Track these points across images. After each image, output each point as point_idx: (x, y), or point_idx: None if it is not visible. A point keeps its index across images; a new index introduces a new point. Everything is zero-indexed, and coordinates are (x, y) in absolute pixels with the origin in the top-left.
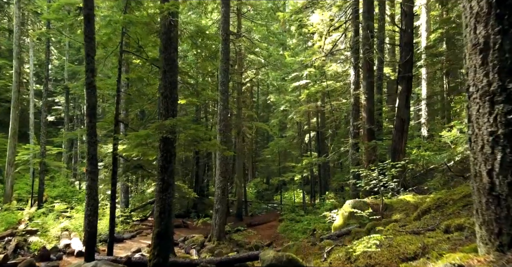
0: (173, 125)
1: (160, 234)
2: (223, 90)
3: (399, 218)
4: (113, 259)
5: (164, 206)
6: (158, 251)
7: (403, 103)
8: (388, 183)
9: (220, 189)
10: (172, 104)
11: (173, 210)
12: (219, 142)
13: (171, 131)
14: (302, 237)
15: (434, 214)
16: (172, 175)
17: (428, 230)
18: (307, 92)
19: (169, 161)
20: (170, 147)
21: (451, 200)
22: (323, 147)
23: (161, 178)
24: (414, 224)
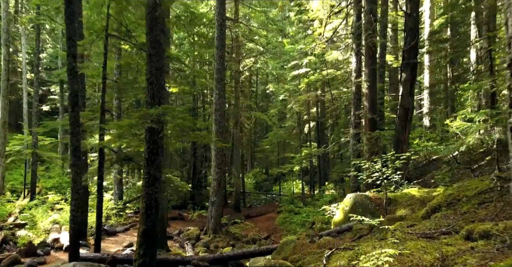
0: (159, 114)
1: (146, 232)
2: (218, 78)
3: (405, 215)
4: (99, 256)
5: (150, 202)
6: (144, 250)
7: (407, 91)
8: (392, 175)
9: (216, 181)
10: (158, 91)
11: (160, 206)
12: (215, 132)
13: (157, 120)
14: (300, 230)
15: (446, 212)
16: (159, 168)
17: (443, 234)
18: (306, 81)
19: (155, 153)
20: (157, 138)
21: (464, 196)
22: (323, 138)
23: (147, 172)
24: (424, 224)
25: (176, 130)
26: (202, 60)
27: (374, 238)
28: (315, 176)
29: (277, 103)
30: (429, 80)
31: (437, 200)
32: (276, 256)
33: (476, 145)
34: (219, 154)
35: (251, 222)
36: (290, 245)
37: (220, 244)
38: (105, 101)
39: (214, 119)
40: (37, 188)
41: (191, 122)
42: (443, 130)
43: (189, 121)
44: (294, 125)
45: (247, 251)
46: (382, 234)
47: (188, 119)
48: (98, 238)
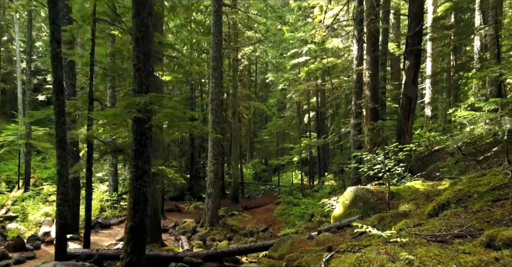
0: (146, 103)
1: (134, 229)
2: (215, 66)
3: (409, 210)
4: (88, 252)
5: (138, 196)
6: (131, 247)
7: (410, 80)
8: (394, 168)
9: (212, 173)
10: (146, 78)
11: (149, 201)
12: (212, 122)
13: (144, 110)
14: (299, 223)
15: (456, 210)
16: (148, 160)
17: (456, 237)
18: (306, 70)
19: (144, 144)
20: (145, 128)
21: (476, 192)
22: (323, 128)
23: (135, 165)
24: (432, 223)
25: (166, 120)
26: (200, 48)
27: (376, 236)
28: (314, 166)
29: (276, 92)
30: (431, 68)
31: (445, 195)
32: (272, 253)
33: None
34: (216, 145)
35: (249, 214)
36: (287, 241)
37: (216, 237)
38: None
39: (210, 109)
40: (32, 179)
41: (182, 111)
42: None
43: (179, 111)
44: (294, 115)
45: (242, 247)
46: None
47: (179, 108)
48: (87, 233)
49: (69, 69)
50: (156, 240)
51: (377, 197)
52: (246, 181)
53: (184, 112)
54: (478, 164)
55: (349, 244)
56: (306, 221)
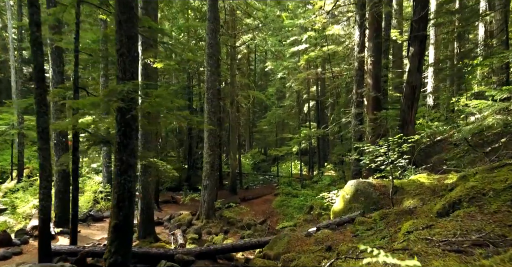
0: (128, 92)
1: (118, 227)
2: (210, 53)
3: (414, 206)
4: (74, 249)
5: (123, 192)
6: (116, 247)
7: (414, 67)
8: (398, 160)
9: (209, 164)
10: (130, 64)
11: (134, 198)
12: (208, 112)
13: (127, 99)
14: (298, 215)
15: (469, 210)
16: (133, 153)
17: (476, 245)
18: (306, 58)
19: (129, 136)
20: (130, 119)
21: (492, 190)
22: (323, 117)
23: (119, 158)
24: (444, 225)
25: (152, 110)
26: (197, 35)
27: (380, 236)
28: (314, 156)
29: (275, 81)
30: (434, 56)
31: (456, 192)
32: (267, 251)
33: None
34: (212, 135)
35: (247, 205)
36: (284, 239)
37: (213, 230)
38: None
39: (206, 98)
40: (27, 169)
41: (169, 100)
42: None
43: (166, 100)
44: (293, 104)
45: (236, 244)
46: (390, 233)
47: (166, 97)
48: (74, 229)
49: (56, 56)
50: (149, 234)
51: (379, 192)
52: (245, 172)
53: (172, 101)
54: (486, 156)
55: (350, 246)
56: (305, 213)
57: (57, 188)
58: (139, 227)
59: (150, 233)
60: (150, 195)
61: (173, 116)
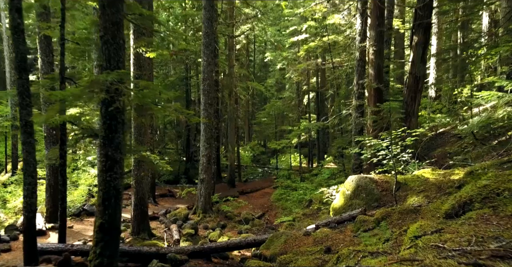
0: (112, 82)
1: (104, 227)
2: (206, 43)
3: (419, 204)
4: (61, 248)
5: (108, 190)
6: (101, 248)
7: (418, 57)
8: (401, 154)
9: (205, 157)
10: (115, 52)
11: (121, 196)
12: (204, 104)
13: (111, 90)
14: (296, 210)
15: (483, 212)
16: (119, 148)
17: (496, 257)
18: (306, 48)
19: (114, 130)
20: (116, 112)
21: (507, 189)
22: (323, 109)
23: (104, 154)
24: (455, 229)
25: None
26: (195, 25)
27: (383, 238)
28: (313, 148)
29: (275, 72)
30: (437, 46)
31: (466, 191)
32: (264, 250)
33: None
34: (209, 128)
35: (246, 199)
36: (281, 238)
37: (209, 225)
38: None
39: (202, 89)
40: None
41: (156, 92)
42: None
43: (152, 91)
44: (293, 96)
45: (231, 242)
46: (395, 235)
47: (154, 88)
48: (62, 226)
49: (45, 45)
50: (144, 230)
51: (381, 188)
52: (244, 164)
53: (160, 92)
54: (492, 150)
55: (352, 250)
56: (304, 207)
57: (48, 182)
58: (132, 222)
59: (144, 229)
60: (144, 190)
61: (162, 109)
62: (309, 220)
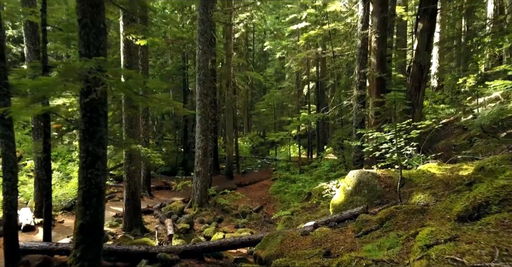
0: (91, 71)
1: (85, 229)
2: (202, 30)
3: (425, 203)
4: (45, 246)
5: (89, 188)
6: (82, 251)
7: (423, 45)
8: (405, 148)
9: (201, 150)
10: (95, 37)
11: (103, 194)
12: (199, 94)
13: (90, 79)
14: (295, 202)
15: (502, 217)
16: (101, 143)
17: None
18: (306, 36)
19: (95, 123)
20: (97, 103)
21: None
22: (323, 99)
23: (84, 149)
24: (473, 236)
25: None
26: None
27: (388, 243)
28: (313, 139)
29: (274, 61)
30: (440, 35)
31: (481, 192)
32: (259, 251)
33: None
34: (204, 119)
35: (244, 191)
36: (277, 238)
37: (206, 219)
38: None
39: (197, 79)
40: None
41: (139, 81)
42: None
43: (134, 81)
44: (292, 86)
45: (225, 241)
46: (402, 240)
47: (136, 77)
48: (47, 223)
49: (31, 32)
50: (136, 226)
51: (384, 184)
52: (243, 155)
53: (145, 81)
54: (502, 143)
55: (354, 257)
56: (303, 200)
57: (36, 176)
58: (124, 218)
59: (137, 224)
60: (136, 184)
61: (147, 100)
62: (308, 215)
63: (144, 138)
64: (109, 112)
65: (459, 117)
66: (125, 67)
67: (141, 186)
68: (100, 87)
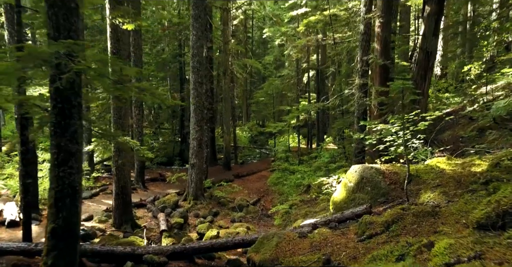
0: (58, 55)
1: (57, 234)
2: (196, 15)
3: (436, 203)
4: (23, 247)
5: (62, 188)
6: (54, 259)
7: (430, 30)
8: (411, 141)
9: (196, 141)
10: (65, 18)
11: (79, 194)
12: (193, 83)
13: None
14: (294, 194)
15: None
16: (75, 137)
17: None
18: (306, 22)
19: (68, 115)
20: (69, 93)
21: None
22: (323, 88)
23: (56, 144)
24: (500, 254)
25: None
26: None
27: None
28: (313, 128)
29: (273, 49)
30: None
31: (506, 196)
32: (252, 254)
33: None
34: (199, 109)
35: (241, 183)
36: (273, 240)
37: (201, 212)
38: None
39: (191, 67)
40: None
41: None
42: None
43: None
44: (292, 74)
45: (216, 242)
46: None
47: (116, 64)
48: (26, 223)
49: (11, 16)
50: (126, 221)
51: (389, 180)
52: (241, 145)
53: (121, 68)
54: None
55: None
56: (301, 192)
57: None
58: (114, 213)
59: (127, 220)
60: (126, 177)
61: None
62: (307, 208)
63: (138, 128)
64: (96, 102)
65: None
66: (112, 53)
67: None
68: (65, 75)
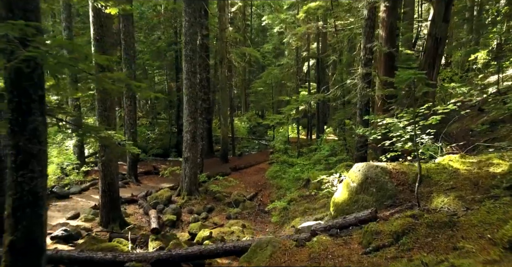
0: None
1: (16, 248)
2: (188, 0)
3: (453, 211)
4: None
5: (22, 195)
6: None
7: (440, 15)
8: (420, 136)
9: (189, 134)
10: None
11: (43, 201)
12: (186, 72)
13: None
14: (293, 188)
15: None
16: (37, 136)
17: None
18: (306, 8)
19: (27, 111)
20: (28, 85)
21: None
22: (324, 77)
23: (13, 144)
24: None
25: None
26: None
27: None
28: (313, 119)
29: (273, 37)
30: None
31: None
32: (245, 264)
33: None
34: (192, 100)
35: (238, 176)
36: (267, 249)
37: (195, 208)
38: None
39: (184, 55)
40: None
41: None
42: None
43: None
44: (292, 63)
45: (205, 249)
46: None
47: (77, 49)
48: None
49: None
50: (114, 220)
51: (396, 181)
52: (240, 136)
53: (87, 55)
54: None
55: None
56: (300, 186)
57: None
58: (101, 211)
59: (115, 218)
60: (113, 174)
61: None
62: (306, 204)
63: (130, 120)
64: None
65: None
66: (96, 40)
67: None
68: (9, 63)
